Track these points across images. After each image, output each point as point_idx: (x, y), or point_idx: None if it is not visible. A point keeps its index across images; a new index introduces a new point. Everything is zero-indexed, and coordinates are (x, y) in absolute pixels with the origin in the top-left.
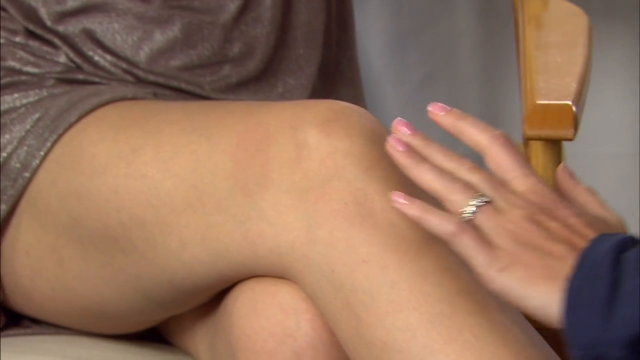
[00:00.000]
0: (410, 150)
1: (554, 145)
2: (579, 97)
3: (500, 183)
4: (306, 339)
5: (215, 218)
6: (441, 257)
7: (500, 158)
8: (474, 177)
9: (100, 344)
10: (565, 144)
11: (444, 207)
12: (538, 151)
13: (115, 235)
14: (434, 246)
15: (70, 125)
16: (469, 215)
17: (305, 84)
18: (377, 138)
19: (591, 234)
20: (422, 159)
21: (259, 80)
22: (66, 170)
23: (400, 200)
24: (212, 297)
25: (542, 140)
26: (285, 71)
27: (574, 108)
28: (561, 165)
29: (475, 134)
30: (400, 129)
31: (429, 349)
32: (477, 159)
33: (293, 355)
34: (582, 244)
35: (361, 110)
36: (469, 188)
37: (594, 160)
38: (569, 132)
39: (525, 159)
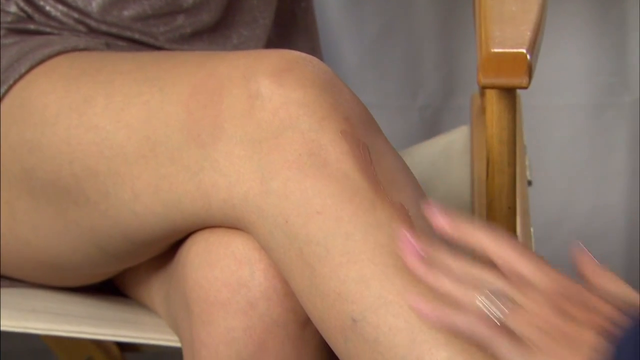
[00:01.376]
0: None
1: (509, 94)
2: (534, 45)
3: (517, 280)
4: (260, 288)
5: (168, 169)
6: (395, 208)
7: (513, 258)
8: (489, 277)
9: (56, 297)
10: (521, 95)
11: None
12: (493, 100)
13: (67, 186)
14: (388, 197)
15: (21, 76)
16: (498, 315)
17: (260, 34)
18: (331, 88)
19: (617, 316)
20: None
21: (214, 32)
22: (17, 121)
23: (421, 306)
24: (167, 249)
25: (496, 88)
26: (239, 22)
27: (528, 56)
28: (577, 248)
29: (483, 239)
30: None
31: (383, 299)
32: None
33: (247, 305)
34: (610, 327)
35: (315, 60)
36: (479, 285)
37: (550, 112)
38: (523, 81)
39: (536, 257)
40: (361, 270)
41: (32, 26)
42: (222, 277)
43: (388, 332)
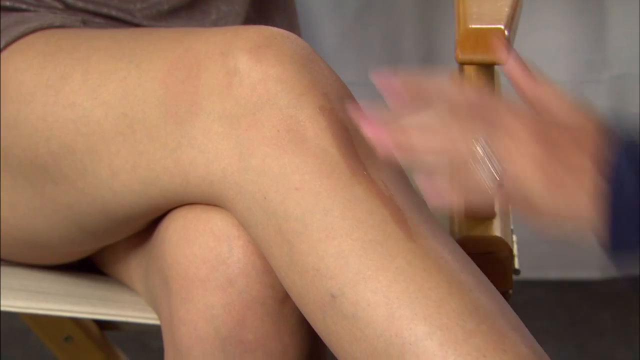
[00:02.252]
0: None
1: (487, 70)
2: (511, 21)
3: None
4: (238, 265)
5: (146, 146)
6: (374, 183)
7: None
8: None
9: (34, 275)
10: (501, 73)
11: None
12: (471, 76)
13: (44, 164)
14: (367, 173)
15: None
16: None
17: (239, 10)
18: (310, 64)
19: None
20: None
21: (191, 7)
22: None
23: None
24: (145, 226)
25: (474, 64)
26: None
27: (505, 32)
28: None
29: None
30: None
31: (362, 275)
32: None
33: (225, 281)
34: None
35: (292, 36)
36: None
37: None
38: (501, 56)
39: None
40: (340, 246)
41: (7, 3)
42: (201, 254)
43: (367, 307)
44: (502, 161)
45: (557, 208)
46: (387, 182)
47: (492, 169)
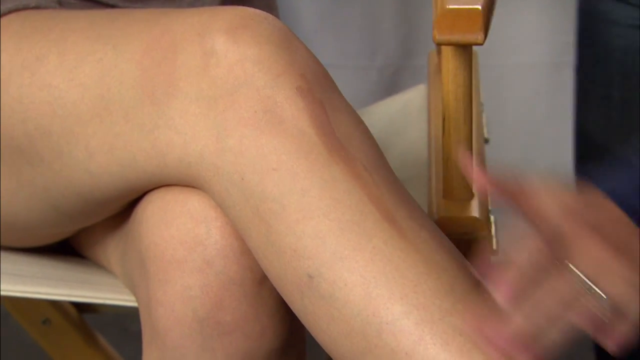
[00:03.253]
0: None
1: (465, 51)
2: (489, 2)
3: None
4: (216, 246)
5: (123, 127)
6: (351, 164)
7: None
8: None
9: (11, 257)
10: (479, 54)
11: None
12: (449, 57)
13: (21, 146)
14: (344, 154)
15: None
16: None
17: None
18: (287, 45)
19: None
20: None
21: None
22: None
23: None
24: (123, 209)
25: (451, 45)
26: None
27: (483, 12)
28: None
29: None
30: None
31: (339, 255)
32: None
33: (203, 263)
34: None
35: (270, 17)
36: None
37: (507, 71)
38: (478, 37)
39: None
40: (317, 226)
41: None
42: (178, 235)
43: (344, 287)
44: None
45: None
46: (365, 163)
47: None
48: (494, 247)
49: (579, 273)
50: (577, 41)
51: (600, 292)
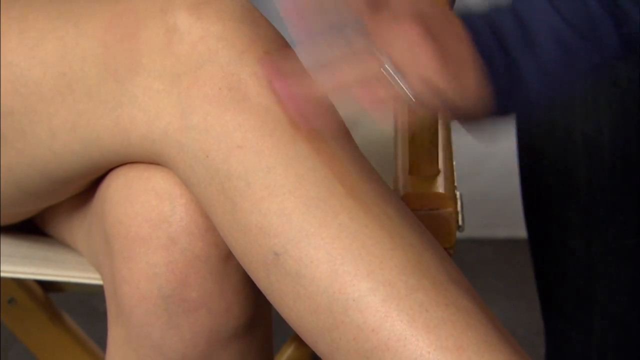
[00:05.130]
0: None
1: None
2: None
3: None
4: (181, 223)
5: (86, 105)
6: (316, 141)
7: None
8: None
9: None
10: None
11: None
12: None
13: None
14: (310, 130)
15: None
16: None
17: None
18: (250, 21)
19: None
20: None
21: None
22: None
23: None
24: (87, 187)
25: None
26: None
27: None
28: None
29: None
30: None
31: (304, 232)
32: None
33: (168, 240)
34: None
35: None
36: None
37: None
38: None
39: None
40: (282, 204)
41: None
42: (143, 212)
43: (310, 264)
44: (408, 71)
45: (460, 99)
46: (329, 139)
47: (403, 82)
48: (460, 222)
49: (389, 62)
50: None
51: (404, 86)
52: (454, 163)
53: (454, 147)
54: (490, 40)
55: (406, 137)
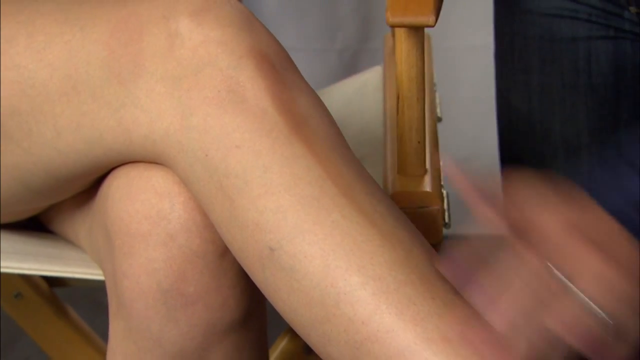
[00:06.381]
0: None
1: (417, 33)
2: None
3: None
4: (179, 221)
5: (90, 106)
6: (311, 142)
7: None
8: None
9: None
10: (433, 37)
11: None
12: (402, 39)
13: None
14: (305, 132)
15: None
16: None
17: None
18: (249, 27)
19: None
20: None
21: None
22: None
23: None
24: (90, 185)
25: (404, 27)
26: None
27: None
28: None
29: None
30: None
31: (299, 229)
32: None
33: (167, 236)
34: None
35: (232, 0)
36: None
37: (460, 53)
38: (429, 19)
39: None
40: (278, 201)
41: None
42: (143, 210)
43: (303, 259)
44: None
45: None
46: (324, 140)
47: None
48: (446, 220)
49: (580, 293)
50: (495, 30)
51: (604, 314)
52: (441, 163)
53: (441, 148)
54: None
55: (395, 137)
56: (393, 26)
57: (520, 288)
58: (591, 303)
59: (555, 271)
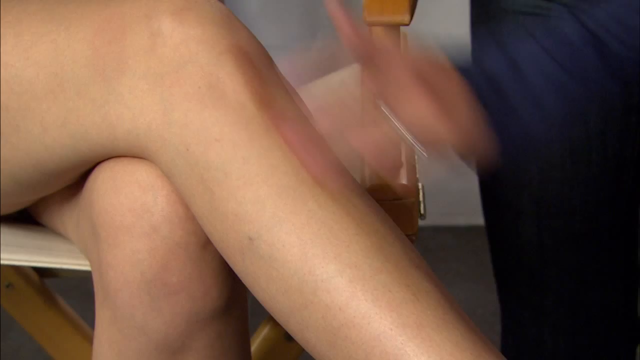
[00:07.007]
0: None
1: (393, 31)
2: None
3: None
4: (162, 213)
5: (75, 103)
6: (288, 134)
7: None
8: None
9: None
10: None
11: None
12: (379, 36)
13: None
14: (282, 125)
15: None
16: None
17: None
18: (229, 26)
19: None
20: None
21: None
22: None
23: None
24: (77, 179)
25: (380, 25)
26: None
27: None
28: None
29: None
30: None
31: (277, 218)
32: None
33: (150, 228)
34: None
35: (212, 0)
36: None
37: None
38: (405, 18)
39: None
40: (257, 192)
41: None
42: (127, 202)
43: (282, 248)
44: (403, 113)
45: (456, 139)
46: (299, 134)
47: (399, 123)
48: (422, 211)
49: (398, 126)
50: (471, 28)
51: (417, 146)
52: (416, 157)
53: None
54: (485, 87)
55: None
56: (370, 25)
57: (343, 106)
58: (406, 134)
59: (382, 103)
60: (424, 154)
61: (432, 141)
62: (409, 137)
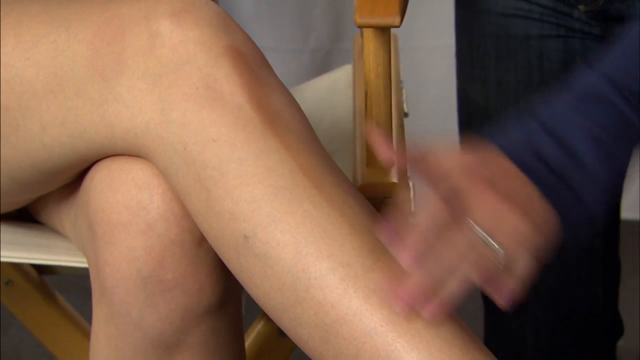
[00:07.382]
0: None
1: (383, 33)
2: None
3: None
4: (158, 211)
5: (74, 102)
6: (284, 136)
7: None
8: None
9: None
10: (400, 37)
11: None
12: (370, 38)
13: None
14: (278, 127)
15: None
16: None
17: None
18: (226, 28)
19: None
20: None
21: None
22: None
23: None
24: (75, 178)
25: (371, 27)
26: None
27: None
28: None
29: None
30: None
31: (272, 217)
32: None
33: (146, 226)
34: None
35: (210, 2)
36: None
37: (426, 52)
38: (395, 20)
39: None
40: (253, 192)
41: None
42: (123, 201)
43: (276, 246)
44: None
45: (543, 240)
46: (295, 135)
47: (495, 242)
48: (412, 209)
49: (475, 226)
50: (455, 30)
51: (495, 244)
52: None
53: (407, 142)
54: (545, 174)
55: (363, 134)
56: (361, 27)
57: (421, 222)
58: (485, 234)
59: (454, 206)
60: (501, 251)
61: (517, 244)
62: (486, 235)
